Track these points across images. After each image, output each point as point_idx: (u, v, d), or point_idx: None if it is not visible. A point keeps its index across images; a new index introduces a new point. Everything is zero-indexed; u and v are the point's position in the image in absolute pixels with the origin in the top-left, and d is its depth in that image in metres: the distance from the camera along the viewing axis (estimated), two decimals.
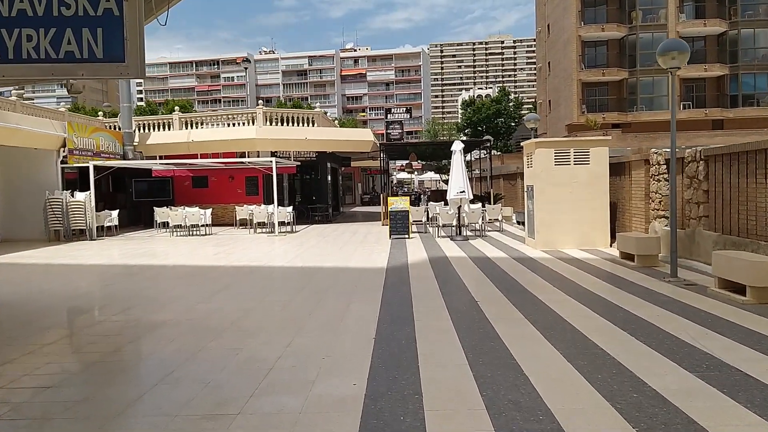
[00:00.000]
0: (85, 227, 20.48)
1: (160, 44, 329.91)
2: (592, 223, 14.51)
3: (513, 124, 74.14)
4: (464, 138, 51.84)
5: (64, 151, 20.95)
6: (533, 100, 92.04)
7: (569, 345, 6.11)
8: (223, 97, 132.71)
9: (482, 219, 19.21)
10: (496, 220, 21.32)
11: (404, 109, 38.29)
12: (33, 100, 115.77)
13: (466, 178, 17.76)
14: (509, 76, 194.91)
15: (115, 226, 22.30)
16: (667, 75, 45.71)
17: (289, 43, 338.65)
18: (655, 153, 12.97)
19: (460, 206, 18.01)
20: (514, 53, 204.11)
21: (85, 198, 20.49)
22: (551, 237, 14.58)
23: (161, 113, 54.70)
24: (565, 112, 48.08)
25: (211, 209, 22.79)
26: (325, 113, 32.44)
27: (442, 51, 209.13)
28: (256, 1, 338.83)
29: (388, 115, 36.89)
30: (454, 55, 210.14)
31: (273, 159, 21.32)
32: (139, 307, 8.70)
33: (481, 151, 31.86)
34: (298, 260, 13.88)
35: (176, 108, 35.47)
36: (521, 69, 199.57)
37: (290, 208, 22.79)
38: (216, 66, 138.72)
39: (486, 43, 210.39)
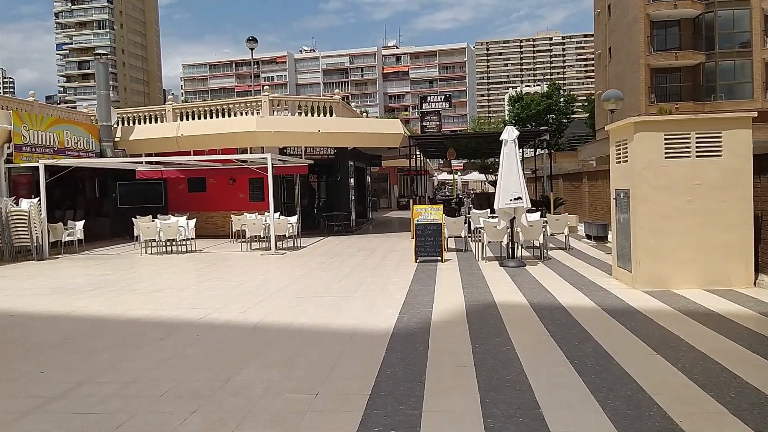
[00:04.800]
0: (30, 244, 16.14)
1: (207, 48, 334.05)
2: (726, 249, 9.20)
3: (565, 120, 68.23)
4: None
5: (9, 148, 16.67)
6: (586, 96, 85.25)
7: None
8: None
9: (543, 235, 14.00)
10: (561, 233, 16.12)
11: (443, 96, 33.04)
12: (75, 104, 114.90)
13: (522, 179, 12.55)
14: (558, 73, 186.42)
15: (79, 240, 17.98)
16: (751, 59, 39.63)
17: (334, 45, 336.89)
18: None
19: (514, 218, 12.82)
20: (563, 50, 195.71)
21: (31, 207, 16.10)
22: (659, 270, 9.35)
23: None
24: (630, 102, 41.94)
25: (194, 219, 18.22)
26: (349, 102, 27.60)
27: (488, 49, 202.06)
28: (302, 4, 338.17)
29: (423, 105, 31.67)
30: (500, 53, 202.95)
31: (269, 155, 16.56)
32: None
33: (536, 147, 26.47)
34: (260, 308, 8.94)
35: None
36: (570, 66, 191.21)
37: (294, 218, 18.05)
38: (256, 66, 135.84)
39: (533, 41, 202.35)
